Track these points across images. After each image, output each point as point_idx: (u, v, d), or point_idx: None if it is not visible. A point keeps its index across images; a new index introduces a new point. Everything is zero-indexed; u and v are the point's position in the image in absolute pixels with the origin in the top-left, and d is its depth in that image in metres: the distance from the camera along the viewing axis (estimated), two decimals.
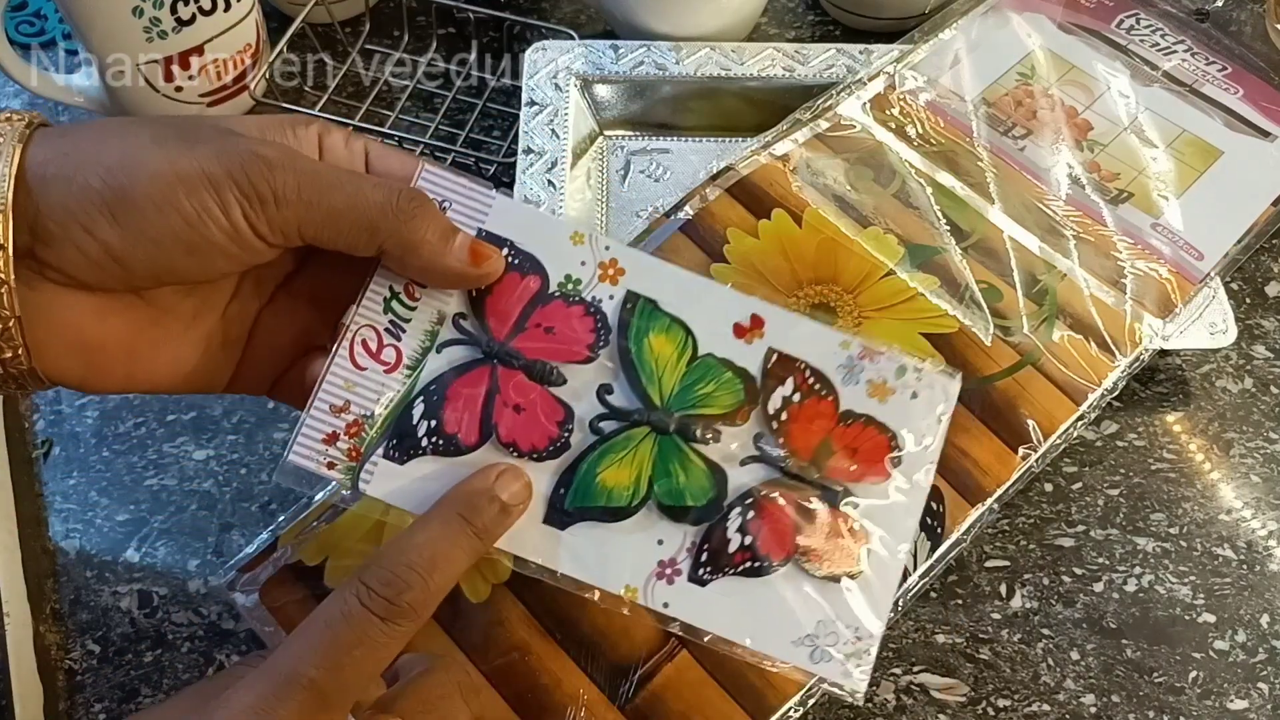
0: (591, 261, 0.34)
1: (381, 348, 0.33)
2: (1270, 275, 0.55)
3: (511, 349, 0.33)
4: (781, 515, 0.33)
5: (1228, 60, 0.56)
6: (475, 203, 0.34)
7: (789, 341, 0.34)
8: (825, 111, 0.53)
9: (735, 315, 0.34)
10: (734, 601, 0.33)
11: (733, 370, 0.34)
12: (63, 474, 0.48)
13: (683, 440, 0.34)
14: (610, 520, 0.33)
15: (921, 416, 0.34)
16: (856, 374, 0.34)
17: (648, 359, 0.34)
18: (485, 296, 0.34)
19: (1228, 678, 0.43)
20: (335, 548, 0.42)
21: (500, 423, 0.33)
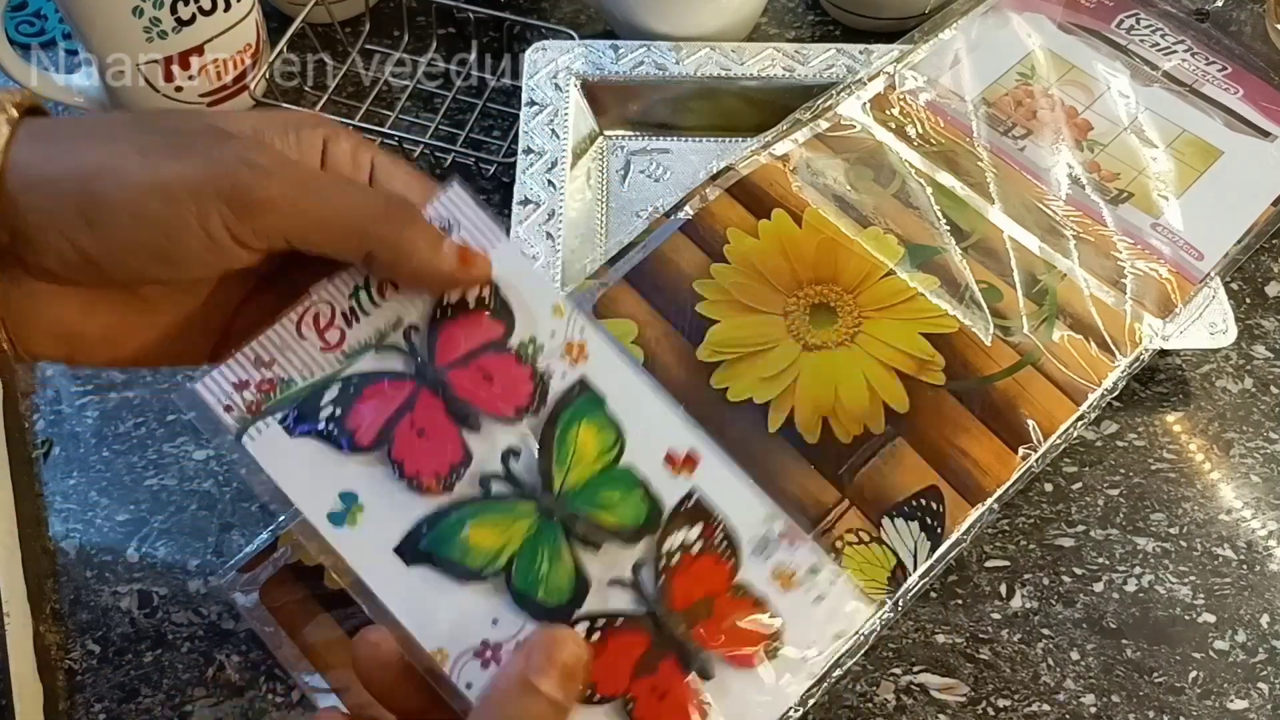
0: (561, 335, 0.34)
1: (329, 327, 0.33)
2: (1270, 275, 0.55)
3: (444, 378, 0.33)
4: (627, 654, 0.31)
5: (1228, 60, 0.56)
6: (482, 237, 0.33)
7: (715, 490, 0.33)
8: (825, 111, 0.53)
9: (674, 443, 0.33)
10: None
11: (646, 492, 0.32)
12: (63, 474, 0.48)
13: (563, 533, 0.32)
14: (456, 577, 0.31)
15: (817, 624, 0.32)
16: (769, 551, 0.32)
17: (568, 446, 0.33)
18: (446, 321, 0.33)
19: (1228, 678, 0.43)
20: None
21: (398, 438, 0.32)
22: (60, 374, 0.50)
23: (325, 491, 0.31)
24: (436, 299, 0.33)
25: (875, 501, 0.43)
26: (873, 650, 0.43)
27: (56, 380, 0.50)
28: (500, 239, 0.33)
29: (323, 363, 0.32)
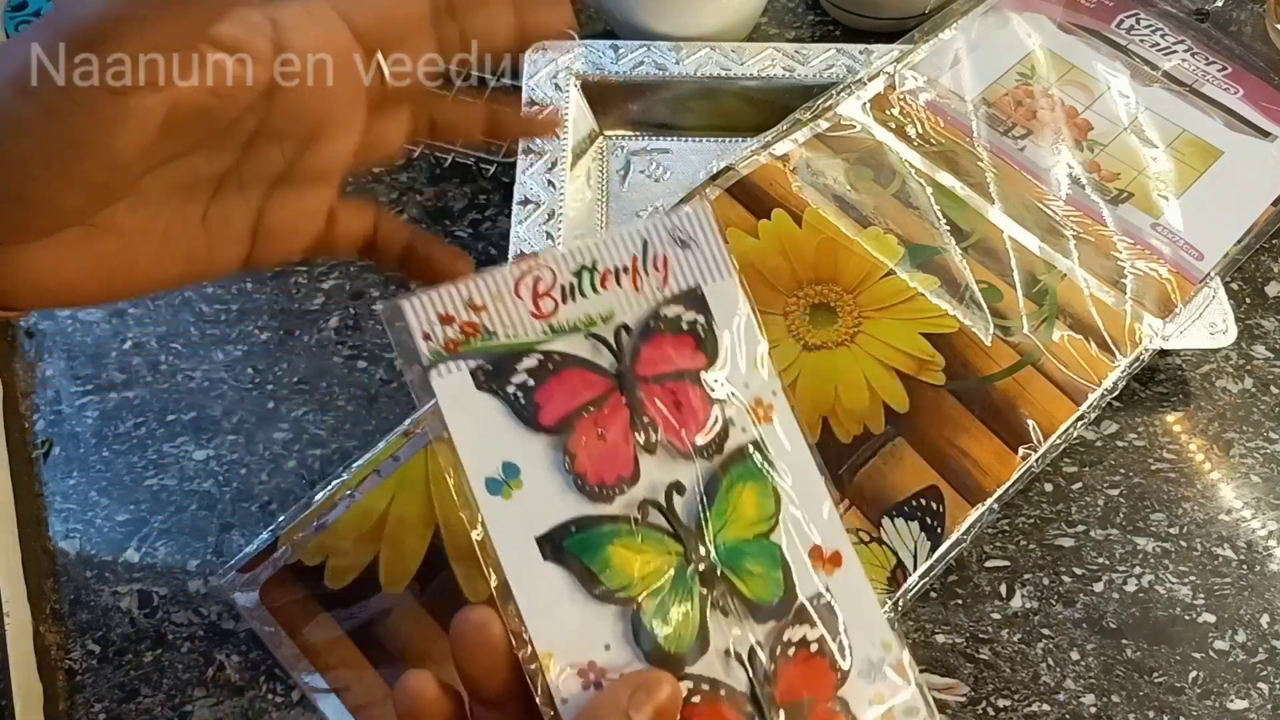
0: (754, 389, 0.33)
1: (545, 296, 0.32)
2: (1270, 275, 0.55)
3: (638, 390, 0.32)
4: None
5: (1228, 60, 0.56)
6: (713, 262, 0.33)
7: (846, 598, 0.32)
8: (825, 111, 0.53)
9: (824, 538, 0.32)
10: None
11: (785, 578, 0.32)
12: (63, 474, 0.48)
13: (700, 587, 0.31)
14: (586, 588, 0.30)
15: None
16: (875, 675, 0.32)
17: (730, 501, 0.32)
18: (656, 334, 0.33)
19: (1228, 678, 0.43)
20: (335, 548, 0.42)
21: (578, 431, 0.31)
22: (60, 374, 0.50)
23: (491, 455, 0.31)
24: (651, 312, 0.33)
25: (875, 501, 0.43)
26: None
27: (56, 380, 0.50)
28: (729, 272, 0.33)
29: (529, 328, 0.32)
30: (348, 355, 0.51)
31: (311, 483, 0.47)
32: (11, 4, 0.64)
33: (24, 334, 0.52)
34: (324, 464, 0.48)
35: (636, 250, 0.33)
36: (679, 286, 0.33)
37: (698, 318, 0.33)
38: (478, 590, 0.41)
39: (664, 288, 0.33)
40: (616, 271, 0.33)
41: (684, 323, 0.33)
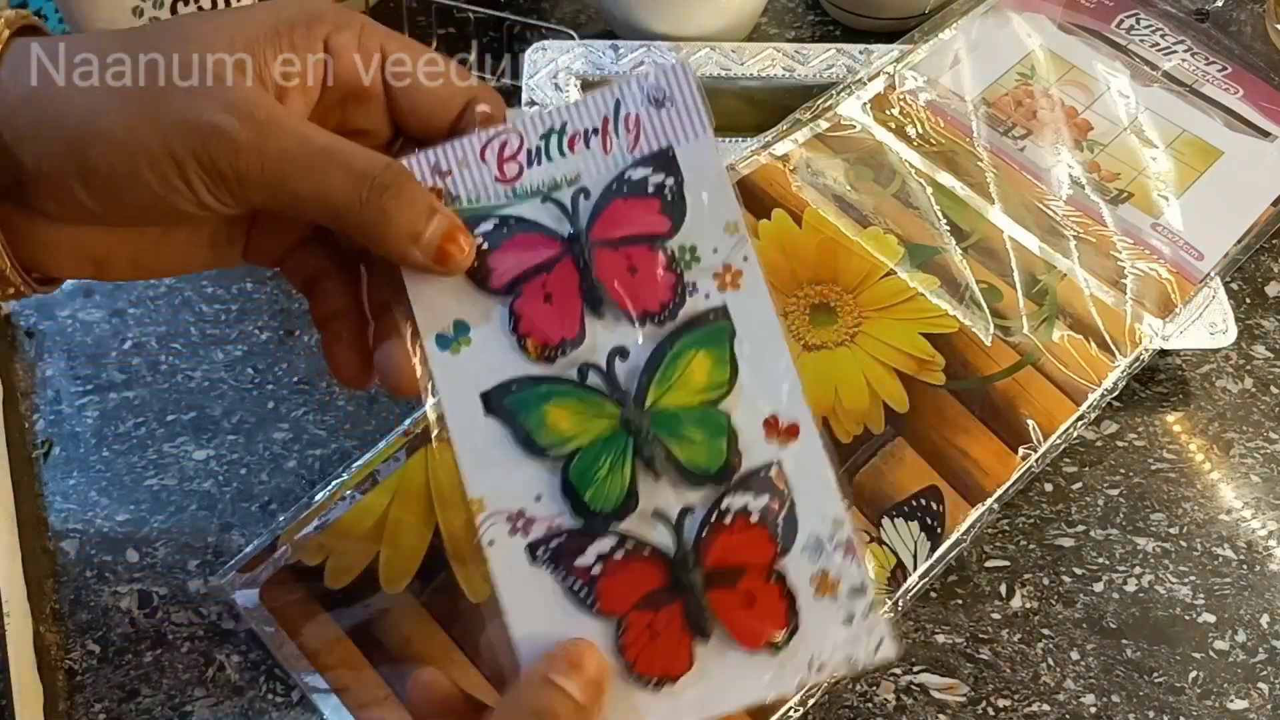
0: (723, 255, 0.32)
1: (511, 160, 0.32)
2: (1270, 275, 0.55)
3: (590, 254, 0.32)
4: (639, 583, 0.31)
5: (1228, 60, 0.56)
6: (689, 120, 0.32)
7: (799, 471, 0.31)
8: (825, 111, 0.53)
9: (782, 409, 0.32)
10: (539, 598, 0.31)
11: (730, 445, 0.31)
12: (63, 474, 0.48)
13: (633, 448, 0.31)
14: (520, 444, 0.31)
15: (833, 643, 0.31)
16: (820, 554, 0.31)
17: (678, 368, 0.32)
18: (618, 197, 0.32)
19: (1228, 678, 0.43)
20: (335, 548, 0.42)
21: (526, 293, 0.32)
22: (60, 374, 0.50)
23: (444, 313, 0.32)
24: (616, 175, 0.32)
25: (875, 501, 0.43)
26: None
27: (56, 380, 0.50)
28: (705, 130, 0.32)
29: (492, 192, 0.32)
30: None
31: (311, 483, 0.47)
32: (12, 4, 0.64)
33: (24, 334, 0.52)
34: (324, 464, 0.48)
35: (608, 110, 0.32)
36: (650, 147, 0.32)
37: (666, 179, 0.32)
38: (478, 590, 0.41)
39: (634, 149, 0.32)
40: (586, 133, 0.32)
41: (650, 185, 0.32)
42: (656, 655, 0.30)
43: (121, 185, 0.28)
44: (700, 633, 0.30)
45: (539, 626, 0.30)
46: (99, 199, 0.28)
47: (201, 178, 0.28)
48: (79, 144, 0.28)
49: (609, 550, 0.31)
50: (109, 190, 0.28)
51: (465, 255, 0.31)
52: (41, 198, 0.28)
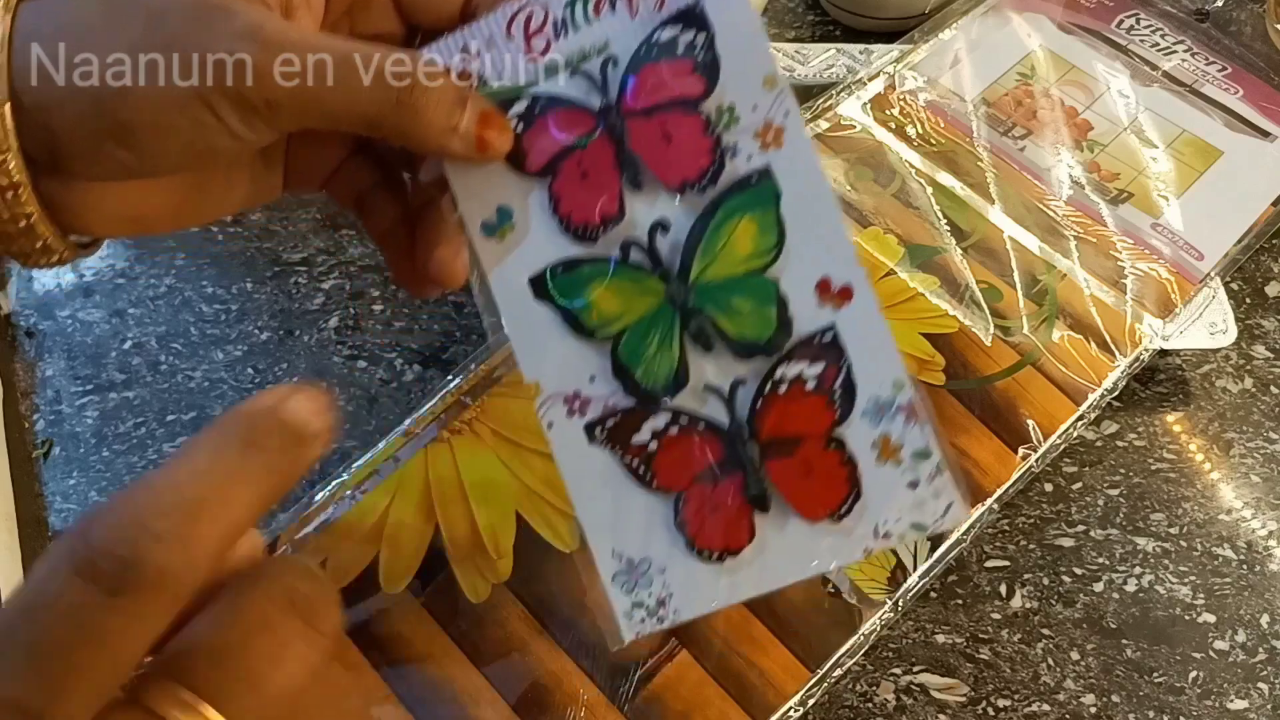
0: (763, 112, 0.30)
1: (538, 33, 0.31)
2: (1270, 275, 0.55)
3: (623, 125, 0.31)
4: (696, 457, 0.31)
5: (1228, 60, 0.56)
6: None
7: (855, 334, 0.30)
8: (825, 111, 0.53)
9: (835, 271, 0.30)
10: (599, 477, 0.31)
11: (780, 312, 0.30)
12: (63, 474, 0.48)
13: (680, 323, 0.31)
14: (570, 327, 0.31)
15: (899, 507, 0.30)
16: (882, 419, 0.30)
17: (721, 237, 0.30)
18: (648, 62, 0.31)
19: (1228, 678, 0.43)
20: (335, 548, 0.42)
21: (563, 173, 0.31)
22: (60, 374, 0.50)
23: (488, 200, 0.31)
24: (644, 39, 0.31)
25: None
26: (873, 650, 0.43)
27: (56, 380, 0.50)
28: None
29: (522, 69, 0.31)
30: (348, 355, 0.51)
31: (311, 483, 0.47)
32: None
33: (24, 334, 0.52)
34: (324, 464, 0.48)
35: None
36: (678, 4, 0.30)
37: (697, 36, 0.31)
38: (478, 590, 0.41)
39: (661, 7, 0.31)
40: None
41: (680, 45, 0.30)
42: (717, 529, 0.30)
43: (156, 135, 0.28)
44: (760, 504, 0.30)
45: (601, 504, 0.31)
46: (136, 153, 0.28)
47: (232, 111, 0.28)
48: (105, 103, 0.27)
49: (663, 427, 0.31)
50: (145, 143, 0.28)
51: (504, 139, 0.31)
52: (80, 161, 0.28)
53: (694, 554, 0.30)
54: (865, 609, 0.41)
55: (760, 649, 0.40)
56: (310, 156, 0.34)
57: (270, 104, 0.28)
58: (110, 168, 0.28)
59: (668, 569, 0.30)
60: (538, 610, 0.41)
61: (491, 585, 0.41)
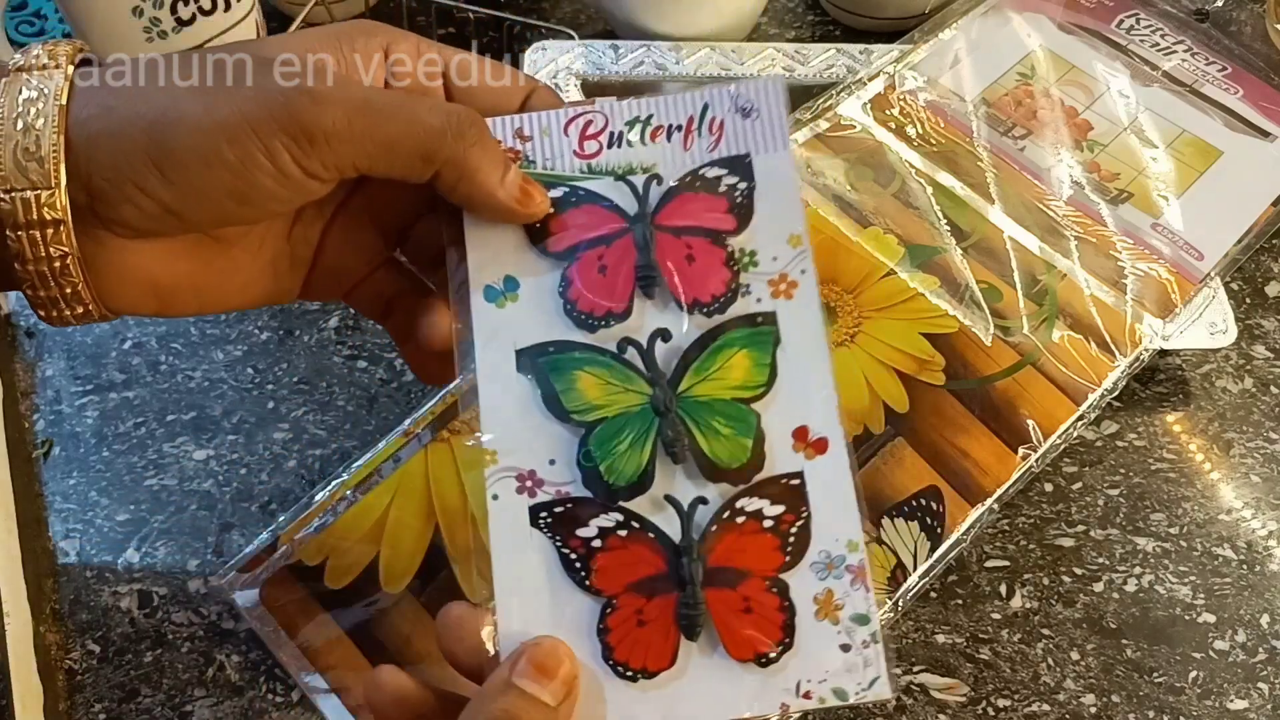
0: (781, 265, 0.32)
1: (592, 139, 0.33)
2: (1270, 275, 0.55)
3: (651, 235, 0.32)
4: (636, 566, 0.30)
5: (1228, 60, 0.56)
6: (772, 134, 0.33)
7: (821, 487, 0.30)
8: (825, 111, 0.53)
9: (815, 423, 0.31)
10: (531, 562, 0.30)
11: (756, 445, 0.31)
12: (63, 474, 0.48)
13: (657, 429, 0.31)
14: (546, 405, 0.31)
15: (825, 668, 0.29)
16: (827, 573, 0.30)
17: (717, 361, 0.32)
18: (685, 191, 0.33)
19: (1228, 678, 0.43)
20: (335, 548, 0.42)
21: (581, 261, 0.32)
22: (60, 374, 0.50)
23: (497, 267, 0.32)
24: (692, 170, 0.33)
25: (875, 501, 0.43)
26: None
27: (56, 380, 0.50)
28: (784, 145, 0.33)
29: (568, 164, 0.33)
30: (348, 355, 0.51)
31: (311, 483, 0.47)
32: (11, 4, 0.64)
33: (24, 334, 0.52)
34: (324, 464, 0.48)
35: (695, 111, 0.33)
36: (729, 151, 0.33)
37: (739, 183, 0.33)
38: (478, 591, 0.41)
39: (714, 150, 0.33)
40: (670, 128, 0.33)
41: (723, 185, 0.33)
42: (639, 645, 0.29)
43: (202, 168, 0.28)
44: (689, 631, 0.29)
45: (524, 589, 0.30)
46: (176, 188, 0.28)
47: (285, 143, 0.28)
48: (155, 129, 0.28)
49: (613, 526, 0.30)
50: (188, 177, 0.28)
51: (542, 202, 0.32)
52: (115, 204, 0.28)
53: (609, 665, 0.29)
54: None
55: None
56: (341, 259, 0.34)
57: (328, 134, 0.28)
58: (145, 208, 0.28)
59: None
60: None
61: None
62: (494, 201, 0.31)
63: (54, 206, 0.27)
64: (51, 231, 0.28)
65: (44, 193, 0.27)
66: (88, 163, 0.28)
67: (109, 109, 0.28)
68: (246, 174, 0.28)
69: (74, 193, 0.28)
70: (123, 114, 0.28)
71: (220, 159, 0.28)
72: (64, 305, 0.29)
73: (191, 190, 0.28)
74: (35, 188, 0.27)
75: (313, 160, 0.28)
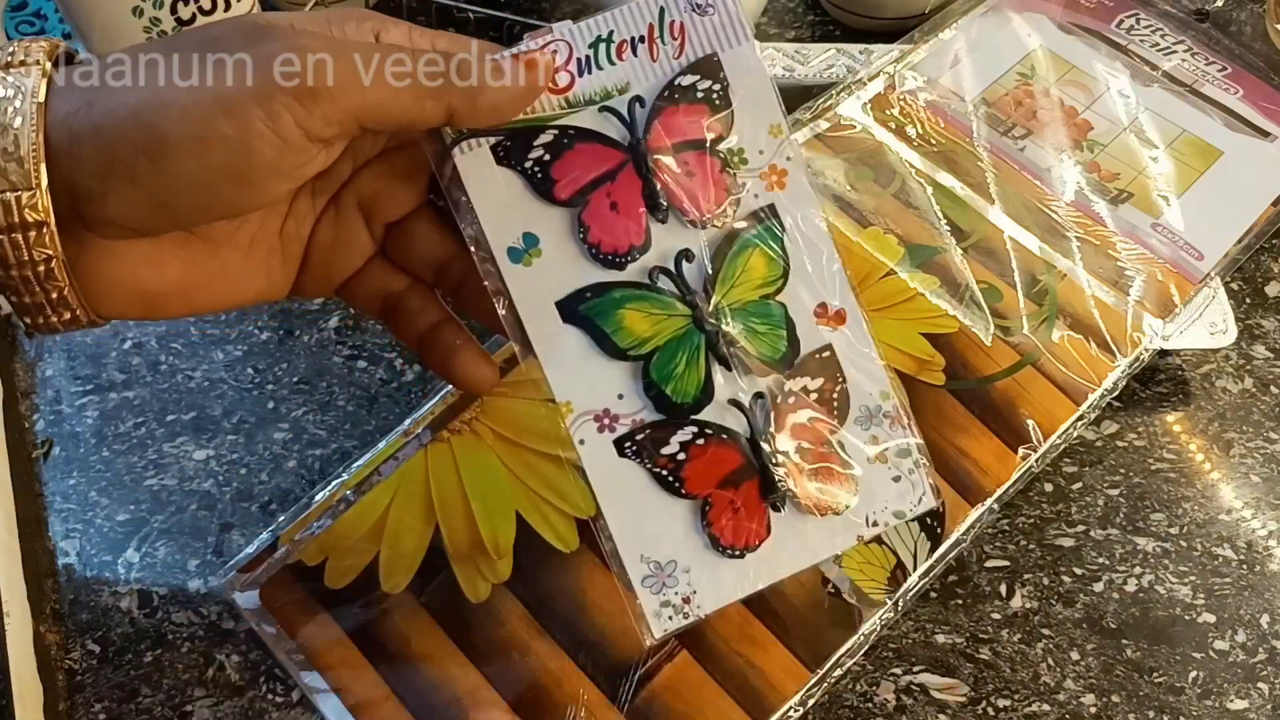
0: (768, 156, 0.34)
1: (562, 70, 0.33)
2: (1270, 275, 0.55)
3: (650, 161, 0.34)
4: (721, 465, 0.34)
5: (1228, 60, 0.56)
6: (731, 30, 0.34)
7: (848, 351, 0.35)
8: (825, 111, 0.53)
9: (830, 297, 0.35)
10: (629, 488, 0.33)
11: (790, 332, 0.35)
12: (63, 474, 0.48)
13: (706, 344, 0.34)
14: (600, 347, 0.33)
15: (884, 499, 0.35)
16: (870, 423, 0.35)
17: (737, 266, 0.34)
18: (670, 106, 0.34)
19: (1228, 678, 0.43)
20: (335, 548, 0.42)
21: (592, 203, 0.33)
22: (60, 374, 0.50)
23: (513, 225, 0.33)
24: (667, 82, 0.34)
25: None
26: (873, 650, 0.43)
27: (56, 380, 0.50)
28: (746, 38, 0.34)
29: (545, 103, 0.33)
30: (348, 355, 0.51)
31: (311, 483, 0.47)
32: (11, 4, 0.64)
33: (24, 334, 0.52)
34: (324, 464, 0.48)
35: (653, 18, 0.34)
36: (696, 54, 0.34)
37: (714, 85, 0.34)
38: (478, 590, 0.41)
39: (680, 56, 0.34)
40: (633, 41, 0.34)
41: (699, 91, 0.34)
42: (739, 527, 0.34)
43: (197, 149, 0.26)
44: (774, 505, 0.34)
45: (631, 513, 0.33)
46: (168, 176, 0.27)
47: (286, 103, 0.27)
48: (144, 114, 0.26)
49: (690, 438, 0.34)
50: (180, 159, 0.26)
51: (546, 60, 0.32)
52: (101, 201, 0.27)
53: (718, 552, 0.34)
54: (865, 609, 0.41)
55: (760, 649, 0.40)
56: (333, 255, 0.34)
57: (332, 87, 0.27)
58: (134, 204, 0.27)
59: (693, 568, 0.33)
60: (538, 610, 0.41)
61: (491, 585, 0.41)
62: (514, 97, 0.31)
63: (36, 208, 0.26)
64: (34, 234, 0.27)
65: (25, 194, 0.26)
66: (70, 161, 0.27)
67: (90, 104, 0.27)
68: (245, 146, 0.27)
69: (57, 193, 0.27)
70: (106, 106, 0.27)
71: (217, 134, 0.26)
72: (50, 311, 0.29)
73: (184, 176, 0.27)
74: (15, 189, 0.26)
75: (315, 117, 0.27)
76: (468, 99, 0.30)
